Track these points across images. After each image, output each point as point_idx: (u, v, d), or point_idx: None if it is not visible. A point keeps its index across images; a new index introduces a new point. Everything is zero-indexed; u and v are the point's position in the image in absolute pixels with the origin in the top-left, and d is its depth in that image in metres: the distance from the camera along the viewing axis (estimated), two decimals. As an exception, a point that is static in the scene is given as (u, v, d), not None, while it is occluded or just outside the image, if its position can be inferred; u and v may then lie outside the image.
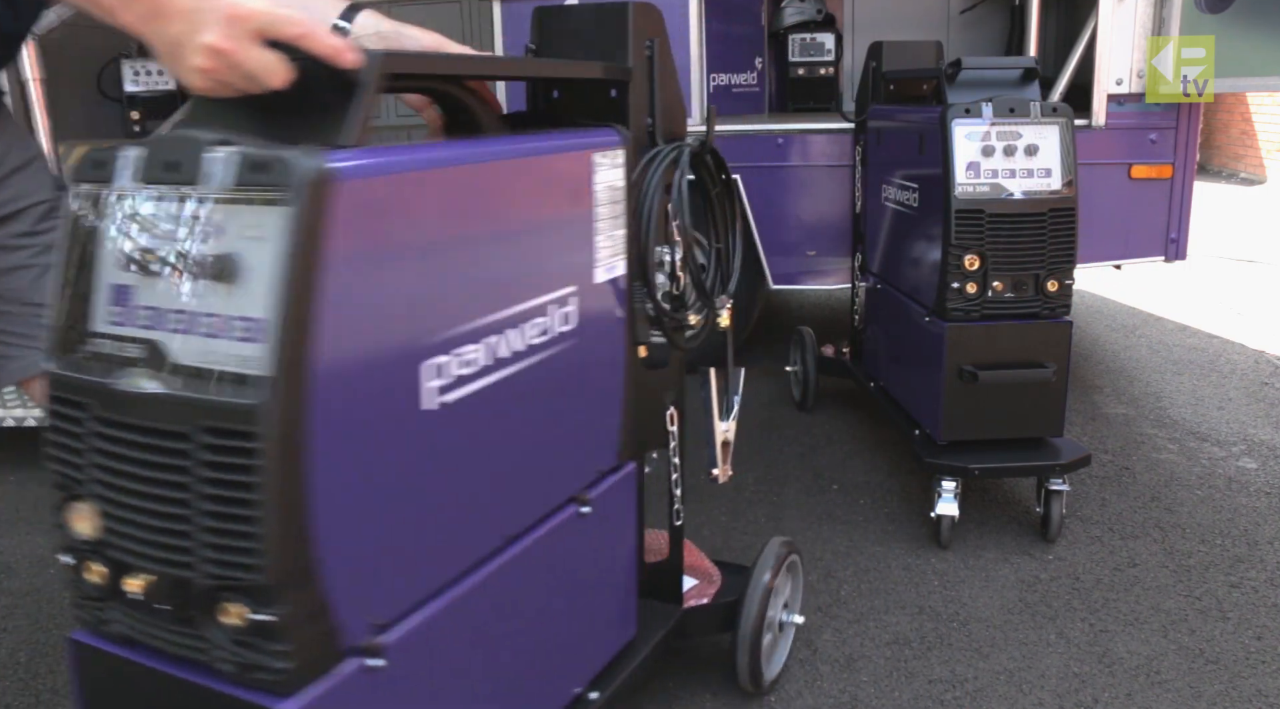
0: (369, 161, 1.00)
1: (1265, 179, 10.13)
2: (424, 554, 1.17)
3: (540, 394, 1.34)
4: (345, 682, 1.04)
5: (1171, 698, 1.94)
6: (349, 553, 1.03)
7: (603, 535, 1.55)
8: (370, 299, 1.02)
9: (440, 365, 1.13)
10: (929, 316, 2.59)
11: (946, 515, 2.51)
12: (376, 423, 1.05)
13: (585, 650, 1.56)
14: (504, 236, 1.24)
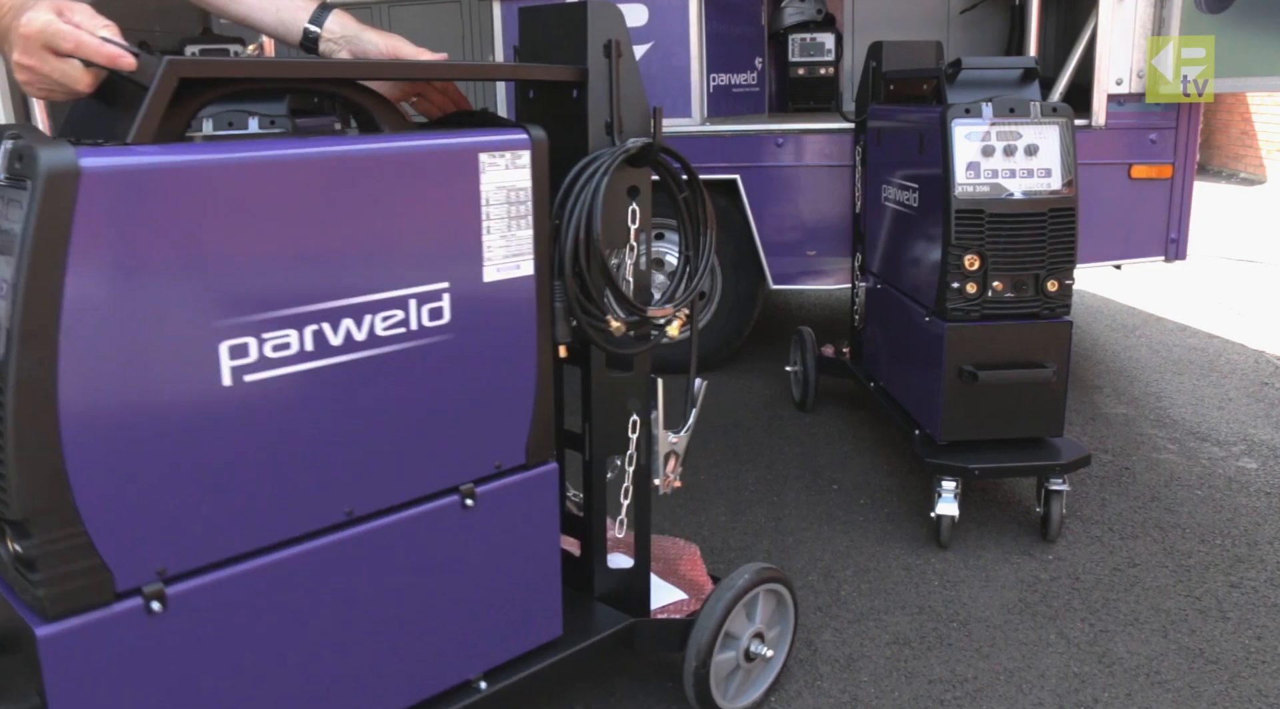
0: (125, 159, 1.11)
1: (1265, 179, 10.13)
2: (222, 517, 1.25)
3: (401, 383, 1.40)
4: (115, 618, 1.17)
5: (1171, 698, 1.95)
6: (110, 503, 1.14)
7: (500, 530, 1.57)
8: (128, 280, 1.12)
9: (240, 345, 1.23)
10: (929, 317, 2.59)
11: (946, 515, 2.51)
12: (140, 391, 1.15)
13: (477, 641, 1.59)
14: (329, 233, 1.29)
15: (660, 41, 3.72)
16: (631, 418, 1.78)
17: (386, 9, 4.79)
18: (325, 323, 1.30)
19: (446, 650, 1.55)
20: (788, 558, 2.52)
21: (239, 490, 1.27)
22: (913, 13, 4.70)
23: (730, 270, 3.93)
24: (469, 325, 1.46)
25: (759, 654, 1.90)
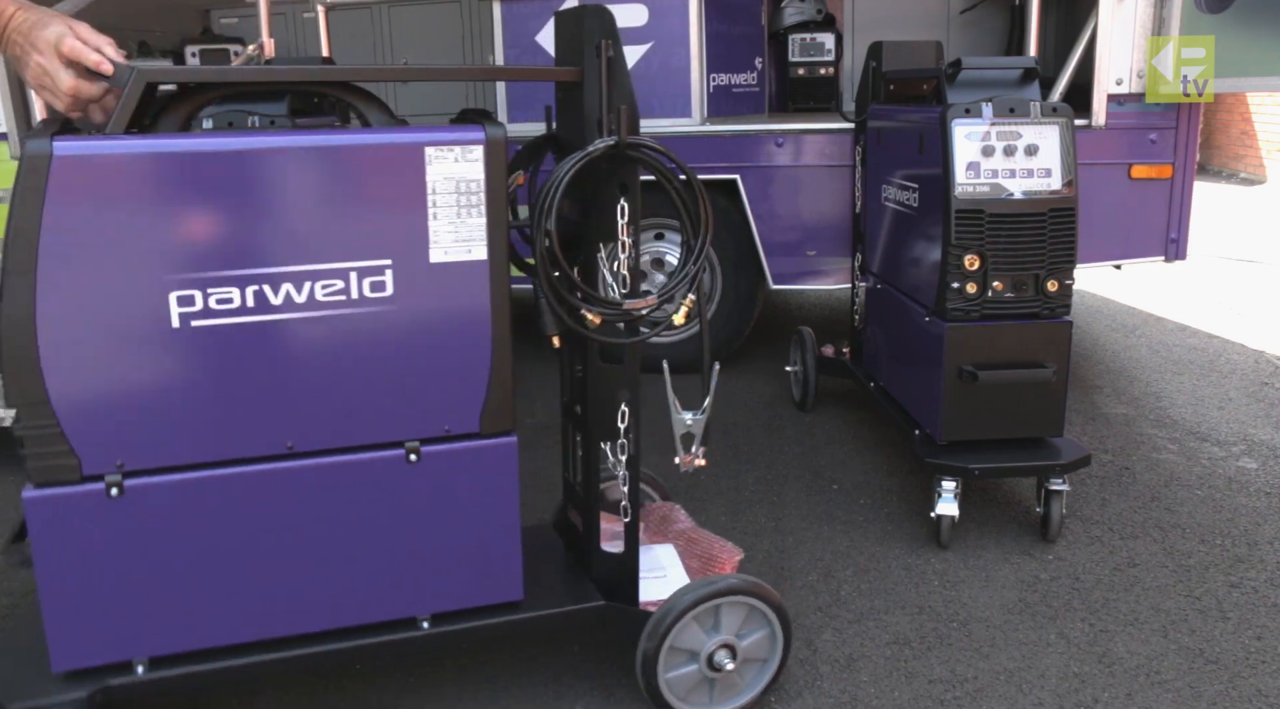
0: (88, 145, 1.46)
1: (1265, 179, 10.13)
2: (173, 430, 1.57)
3: (343, 345, 1.62)
4: (82, 495, 1.54)
5: (1171, 698, 1.95)
6: (76, 406, 1.51)
7: (450, 489, 1.73)
8: (91, 235, 1.47)
9: (188, 296, 1.53)
10: (929, 317, 2.59)
11: (946, 515, 2.51)
12: (101, 322, 1.50)
13: (423, 584, 1.76)
14: (270, 211, 1.55)
15: (660, 42, 3.72)
16: (621, 408, 1.80)
17: (386, 9, 4.79)
18: (266, 285, 1.56)
19: (390, 585, 1.73)
20: (788, 558, 2.52)
21: (187, 411, 1.57)
22: (913, 13, 4.70)
23: (730, 270, 3.93)
24: (413, 300, 1.64)
25: (725, 666, 1.85)
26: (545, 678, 2.04)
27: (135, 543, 1.58)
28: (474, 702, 1.98)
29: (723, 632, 1.86)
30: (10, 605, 2.38)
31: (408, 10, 4.78)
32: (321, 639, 1.71)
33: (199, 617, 1.65)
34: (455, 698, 1.99)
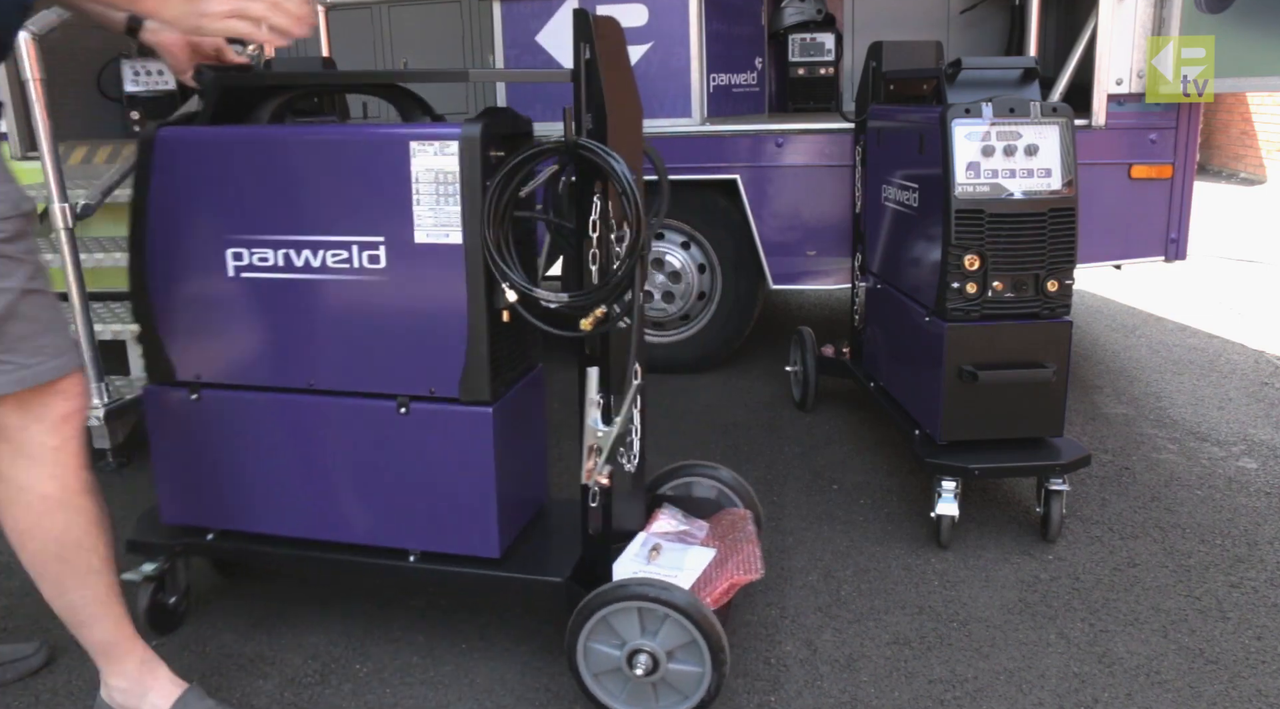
0: (177, 132, 1.93)
1: (1265, 179, 10.13)
2: (228, 356, 2.01)
3: (341, 305, 1.92)
4: (174, 395, 2.05)
5: (1171, 698, 1.95)
6: (172, 330, 2.01)
7: (432, 444, 1.95)
8: (180, 204, 1.94)
9: (239, 252, 1.94)
10: (929, 317, 2.59)
11: (946, 515, 2.51)
12: (183, 267, 1.97)
13: (411, 521, 2.01)
14: (299, 188, 1.89)
15: (660, 42, 3.72)
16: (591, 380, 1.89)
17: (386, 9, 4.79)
18: (291, 249, 1.91)
19: (385, 515, 2.02)
20: (788, 558, 2.52)
21: (238, 343, 1.99)
22: (913, 13, 4.70)
23: (730, 270, 3.93)
24: (401, 274, 1.88)
25: (640, 671, 1.83)
26: (543, 681, 2.04)
27: (207, 439, 2.06)
28: (472, 701, 1.98)
29: (655, 640, 1.83)
30: (10, 605, 2.38)
31: (408, 10, 4.78)
32: (334, 549, 2.06)
33: (247, 506, 2.08)
34: (455, 698, 1.99)
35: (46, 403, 1.63)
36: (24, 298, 1.58)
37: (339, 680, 2.05)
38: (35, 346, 1.60)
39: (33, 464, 1.64)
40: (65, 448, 1.66)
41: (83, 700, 2.01)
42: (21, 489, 1.64)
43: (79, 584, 1.70)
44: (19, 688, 2.05)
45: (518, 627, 2.22)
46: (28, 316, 1.59)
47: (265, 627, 2.25)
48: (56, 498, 1.65)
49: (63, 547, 1.67)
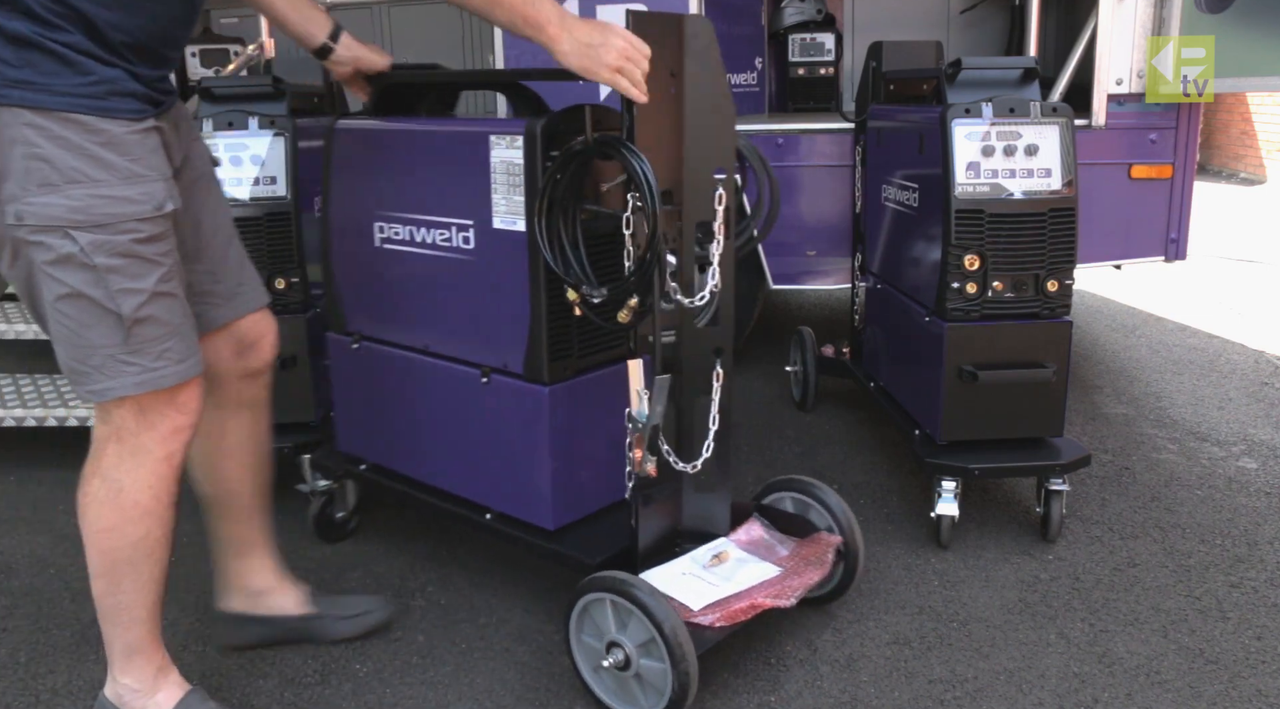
0: (349, 124, 2.32)
1: (1265, 179, 10.13)
2: (372, 316, 2.36)
3: (447, 279, 2.15)
4: (345, 343, 2.42)
5: (1171, 698, 1.95)
6: (342, 289, 2.40)
7: (501, 414, 2.12)
8: (347, 183, 2.32)
9: (381, 226, 2.25)
10: (929, 317, 2.59)
11: (946, 515, 2.51)
12: (349, 235, 2.33)
13: (490, 482, 2.20)
14: (418, 173, 2.17)
15: (660, 41, 3.72)
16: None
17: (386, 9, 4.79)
18: (413, 226, 2.19)
19: (472, 473, 2.24)
20: (788, 558, 2.52)
21: (381, 305, 2.32)
22: (913, 13, 4.70)
23: (730, 270, 3.92)
24: (484, 256, 2.07)
25: (613, 663, 1.86)
26: (543, 682, 2.04)
27: (362, 382, 2.41)
28: (472, 701, 1.98)
29: (626, 635, 1.85)
30: (10, 605, 2.38)
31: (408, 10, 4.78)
32: (437, 495, 2.30)
33: (385, 445, 2.42)
34: (455, 698, 1.99)
35: (163, 413, 1.66)
36: (155, 300, 1.59)
37: (339, 680, 2.05)
38: (160, 350, 1.61)
39: (137, 469, 1.66)
40: (170, 460, 1.68)
41: (83, 701, 2.01)
42: (119, 491, 1.66)
43: (136, 589, 1.72)
44: (19, 688, 2.05)
45: (518, 627, 2.23)
46: (157, 320, 1.60)
47: (265, 627, 2.25)
48: (147, 506, 1.68)
49: (136, 552, 1.69)
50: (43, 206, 1.49)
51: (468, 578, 2.44)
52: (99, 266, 1.52)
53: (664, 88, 1.85)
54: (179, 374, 1.64)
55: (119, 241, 1.53)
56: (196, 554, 2.56)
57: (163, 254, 1.60)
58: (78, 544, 2.66)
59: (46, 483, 3.11)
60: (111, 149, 1.51)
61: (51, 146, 1.48)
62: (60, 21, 1.46)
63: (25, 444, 3.35)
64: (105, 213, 1.51)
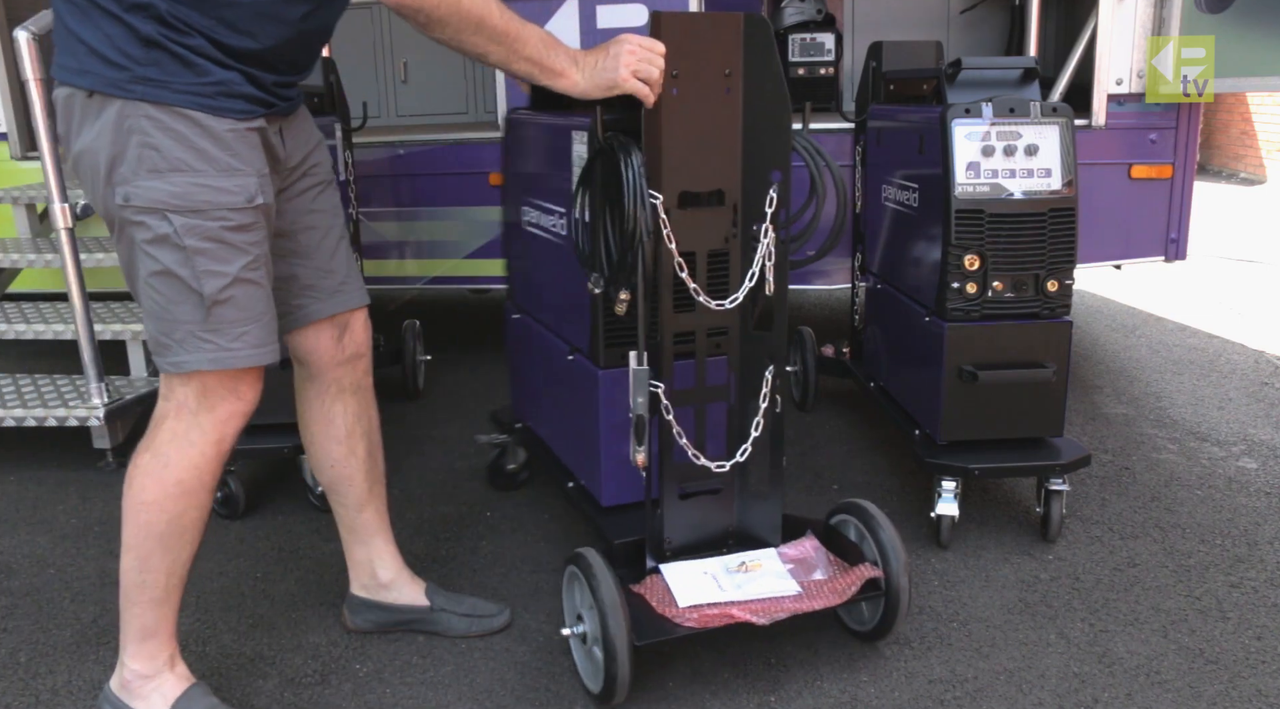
0: (515, 115, 2.60)
1: (1265, 179, 10.13)
2: (523, 289, 2.68)
3: (552, 262, 2.36)
4: (510, 312, 2.77)
5: (1171, 698, 1.95)
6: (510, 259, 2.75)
7: (576, 388, 2.29)
8: (511, 169, 2.63)
9: (525, 209, 2.51)
10: (929, 317, 2.59)
11: (946, 515, 2.51)
12: (511, 216, 2.65)
13: (574, 457, 2.39)
14: (540, 163, 2.39)
15: (660, 41, 3.72)
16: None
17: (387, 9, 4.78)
18: (539, 211, 2.40)
19: (566, 441, 2.44)
20: (788, 558, 2.52)
21: (525, 280, 2.64)
22: (913, 13, 4.70)
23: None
24: (566, 243, 2.21)
25: (564, 630, 2.01)
26: (543, 682, 2.04)
27: (518, 350, 2.73)
28: (472, 701, 1.98)
29: (586, 610, 1.93)
30: (10, 605, 2.38)
31: (408, 10, 4.78)
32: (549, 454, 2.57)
33: (532, 409, 2.70)
34: (455, 698, 1.99)
35: (224, 397, 1.74)
36: (237, 285, 1.68)
37: (339, 680, 2.05)
38: (239, 333, 1.70)
39: (188, 448, 1.74)
40: (220, 444, 1.77)
41: (83, 701, 2.01)
42: (166, 467, 1.74)
43: (162, 568, 1.79)
44: (19, 688, 2.05)
45: (518, 626, 2.23)
46: (238, 303, 1.69)
47: (265, 627, 2.25)
48: (190, 486, 1.75)
49: (170, 529, 1.76)
50: (148, 190, 1.61)
51: (468, 578, 2.44)
52: (189, 248, 1.63)
53: (717, 86, 1.85)
54: (252, 358, 1.73)
55: (210, 227, 1.63)
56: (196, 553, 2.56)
57: (251, 243, 1.69)
58: (78, 544, 2.67)
59: (47, 483, 3.11)
60: (214, 143, 1.63)
61: (163, 137, 1.60)
62: (185, 27, 1.58)
63: (25, 444, 3.35)
64: (201, 200, 1.62)
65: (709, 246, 1.94)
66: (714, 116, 1.86)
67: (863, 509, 2.10)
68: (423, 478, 3.08)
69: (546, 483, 3.00)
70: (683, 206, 1.89)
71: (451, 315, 5.29)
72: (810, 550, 2.11)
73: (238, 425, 1.78)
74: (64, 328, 3.30)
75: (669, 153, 1.84)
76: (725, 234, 1.95)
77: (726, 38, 1.84)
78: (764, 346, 2.00)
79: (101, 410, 3.03)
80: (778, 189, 1.92)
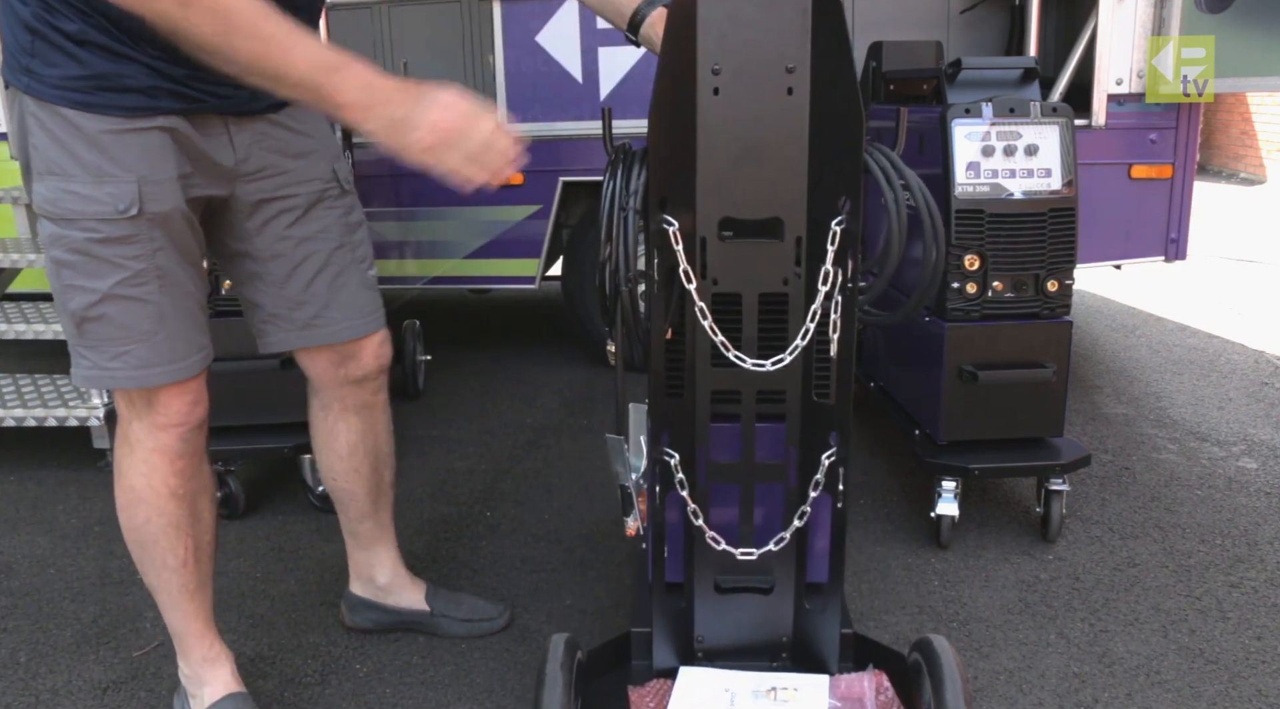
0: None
1: (1265, 179, 10.14)
2: None
3: None
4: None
5: (1171, 698, 1.95)
6: None
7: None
8: None
9: None
10: (929, 317, 2.59)
11: (946, 515, 2.51)
12: None
13: None
14: None
15: (661, 41, 3.71)
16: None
17: (387, 9, 4.78)
18: None
19: None
20: (788, 558, 2.52)
21: None
22: (913, 13, 4.69)
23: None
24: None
25: None
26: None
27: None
28: (472, 701, 1.98)
29: None
30: (10, 605, 2.38)
31: (408, 10, 4.78)
32: None
33: None
34: (455, 698, 1.99)
35: (149, 404, 1.64)
36: (110, 302, 1.54)
37: (339, 680, 2.05)
38: (116, 353, 1.57)
39: (131, 455, 1.69)
40: (161, 452, 1.67)
41: (83, 701, 2.01)
42: (120, 475, 1.71)
43: (153, 574, 1.77)
44: (19, 688, 2.05)
45: (518, 627, 2.23)
46: (114, 322, 1.56)
47: (265, 626, 2.25)
48: (141, 493, 1.70)
49: (143, 536, 1.73)
50: (35, 191, 1.53)
51: (468, 578, 2.44)
52: (55, 260, 1.54)
53: (776, 86, 1.45)
54: (136, 380, 1.60)
55: (75, 238, 1.51)
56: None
57: (131, 257, 1.53)
58: (78, 544, 2.67)
59: (47, 483, 3.11)
60: (86, 145, 1.48)
61: (41, 135, 1.49)
62: (65, 9, 1.42)
63: (25, 444, 3.35)
64: (68, 207, 1.50)
65: (761, 288, 1.55)
66: (772, 125, 1.47)
67: (928, 645, 1.58)
68: (423, 478, 3.08)
69: (547, 483, 3.01)
70: (725, 237, 1.53)
71: (451, 315, 5.29)
72: (865, 690, 1.62)
73: (178, 433, 1.66)
74: (64, 328, 3.30)
75: (705, 169, 1.48)
76: (783, 274, 1.55)
77: (790, 23, 1.43)
78: (824, 418, 1.60)
79: (101, 410, 3.03)
80: (847, 219, 1.55)
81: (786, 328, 1.57)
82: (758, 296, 1.56)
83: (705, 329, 1.53)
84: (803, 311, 1.55)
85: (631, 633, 1.70)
